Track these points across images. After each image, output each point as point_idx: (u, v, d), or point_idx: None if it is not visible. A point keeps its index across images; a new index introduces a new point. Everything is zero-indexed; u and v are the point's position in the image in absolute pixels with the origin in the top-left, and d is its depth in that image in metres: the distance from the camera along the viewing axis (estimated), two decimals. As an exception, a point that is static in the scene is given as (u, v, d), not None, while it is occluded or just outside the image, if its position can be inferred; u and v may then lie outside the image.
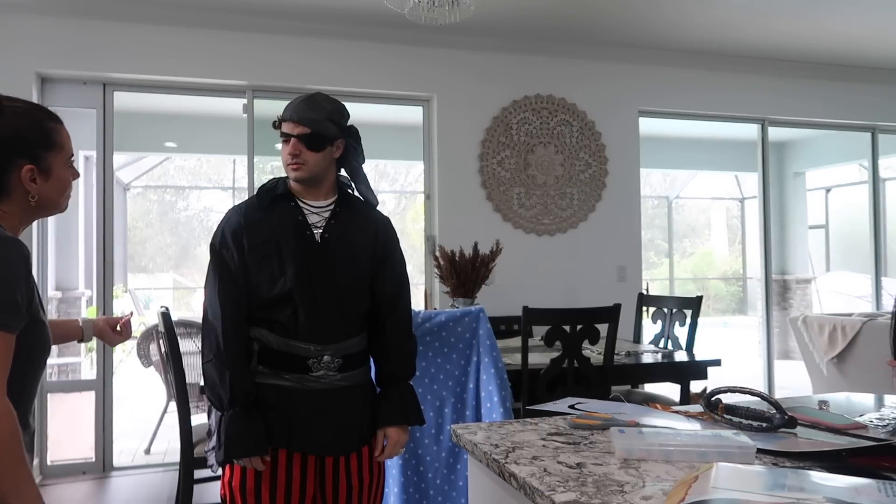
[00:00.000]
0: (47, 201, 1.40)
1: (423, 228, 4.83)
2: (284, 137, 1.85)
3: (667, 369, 3.35)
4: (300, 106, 1.84)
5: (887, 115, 5.69)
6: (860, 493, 0.88)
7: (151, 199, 12.08)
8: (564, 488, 1.05)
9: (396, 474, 2.49)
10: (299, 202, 1.87)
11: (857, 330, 4.43)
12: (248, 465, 1.72)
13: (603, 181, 4.94)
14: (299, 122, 1.82)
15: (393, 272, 1.93)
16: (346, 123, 1.91)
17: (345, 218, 1.88)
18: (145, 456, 4.63)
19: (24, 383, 1.32)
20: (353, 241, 1.86)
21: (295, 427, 1.76)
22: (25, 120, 1.37)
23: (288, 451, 1.77)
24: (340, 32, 4.40)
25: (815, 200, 9.44)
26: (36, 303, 1.32)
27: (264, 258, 1.79)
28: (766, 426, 1.34)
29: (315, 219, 1.85)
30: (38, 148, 1.37)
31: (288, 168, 1.84)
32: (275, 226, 1.82)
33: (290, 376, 1.77)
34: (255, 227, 1.81)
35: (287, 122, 1.84)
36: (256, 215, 1.84)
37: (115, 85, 4.20)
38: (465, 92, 4.69)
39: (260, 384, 1.77)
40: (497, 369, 2.52)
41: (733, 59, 5.17)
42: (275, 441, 1.75)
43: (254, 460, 1.71)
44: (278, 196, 1.86)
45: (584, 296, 4.72)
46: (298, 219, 1.84)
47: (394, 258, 1.95)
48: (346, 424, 1.81)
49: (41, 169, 1.37)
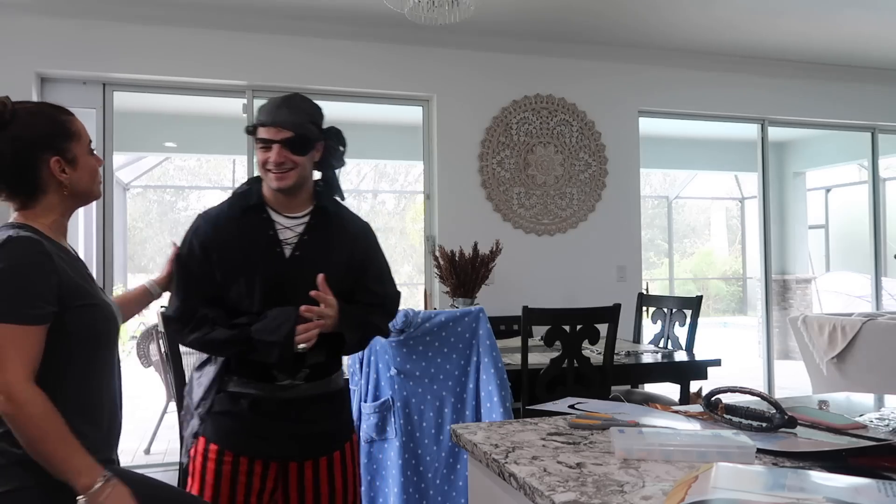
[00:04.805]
0: (81, 189, 1.47)
1: (422, 228, 4.83)
2: (264, 144, 1.72)
3: (667, 369, 3.35)
4: (279, 109, 1.71)
5: (887, 115, 5.69)
6: (860, 493, 0.87)
7: (151, 199, 12.09)
8: (564, 488, 1.05)
9: (396, 474, 2.50)
10: (272, 214, 1.77)
11: (857, 330, 4.43)
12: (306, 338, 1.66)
13: (603, 181, 4.94)
14: (282, 126, 1.69)
15: (375, 281, 1.85)
16: (323, 124, 1.81)
17: (319, 231, 1.79)
18: (145, 456, 4.63)
19: (85, 370, 1.40)
20: (327, 256, 1.77)
21: (259, 435, 1.72)
22: (41, 117, 1.44)
23: (250, 458, 1.72)
24: (340, 32, 4.40)
25: (815, 200, 9.44)
26: (84, 288, 1.39)
27: (232, 275, 1.72)
28: (766, 426, 1.34)
29: (287, 234, 1.76)
30: (60, 140, 1.43)
31: (270, 178, 1.72)
32: (244, 241, 1.73)
33: (256, 385, 1.72)
34: (224, 241, 1.73)
35: (266, 128, 1.71)
36: (226, 227, 1.75)
37: (115, 85, 4.19)
38: (465, 92, 4.69)
39: (227, 392, 1.73)
40: (497, 369, 2.52)
41: (733, 59, 5.17)
42: (239, 448, 1.72)
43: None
44: (250, 206, 1.76)
45: (584, 296, 4.72)
46: (269, 233, 1.75)
47: (372, 269, 1.86)
48: (311, 433, 1.76)
49: (67, 159, 1.44)
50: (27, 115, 1.42)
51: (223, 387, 1.75)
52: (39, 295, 1.30)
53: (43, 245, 1.34)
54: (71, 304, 1.36)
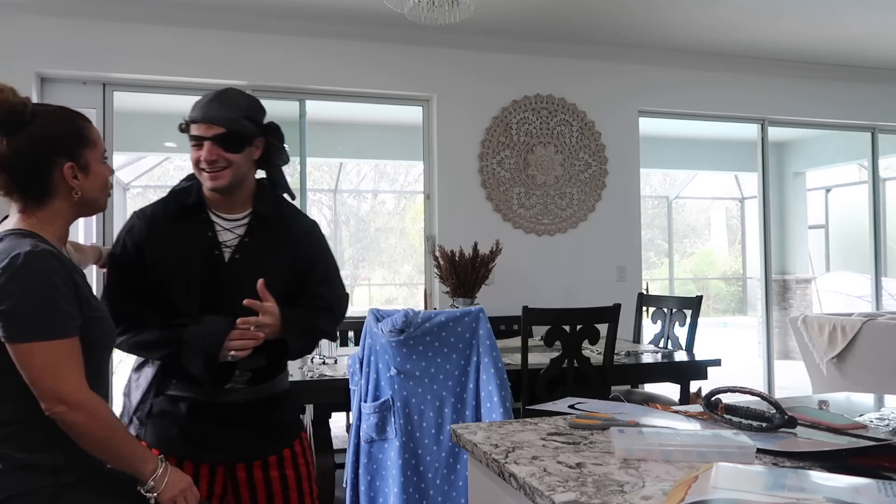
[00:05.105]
0: (90, 197, 1.47)
1: (422, 228, 4.83)
2: (195, 142, 1.64)
3: (667, 369, 3.35)
4: (211, 104, 1.63)
5: (887, 115, 5.69)
6: (860, 493, 0.87)
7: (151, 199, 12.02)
8: (564, 488, 1.05)
9: (396, 474, 2.49)
10: (212, 215, 1.69)
11: (857, 330, 4.43)
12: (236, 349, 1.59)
13: (603, 181, 4.94)
14: (213, 122, 1.61)
15: (320, 283, 1.78)
16: (263, 120, 1.72)
17: (261, 233, 1.71)
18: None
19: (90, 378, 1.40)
20: (268, 259, 1.69)
21: (201, 439, 1.68)
22: (59, 120, 1.44)
23: (195, 463, 1.69)
24: (340, 32, 4.40)
25: (815, 200, 9.44)
26: (90, 302, 1.41)
27: (168, 278, 1.65)
28: (766, 426, 1.34)
29: (227, 236, 1.69)
30: (75, 145, 1.44)
31: (204, 177, 1.64)
32: (182, 243, 1.65)
33: (197, 388, 1.66)
34: (160, 242, 1.66)
35: (197, 124, 1.63)
36: (162, 227, 1.67)
37: (114, 85, 4.20)
38: (465, 92, 4.69)
39: (166, 396, 1.69)
40: (497, 369, 2.52)
41: (733, 59, 5.17)
42: (180, 452, 1.67)
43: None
44: (188, 206, 1.69)
45: (584, 296, 4.72)
46: (208, 235, 1.67)
47: (317, 270, 1.78)
48: (256, 433, 1.72)
49: (80, 166, 1.44)
50: (46, 117, 1.42)
51: (162, 389, 1.69)
52: (71, 307, 1.34)
53: (62, 259, 1.37)
54: (84, 316, 1.38)
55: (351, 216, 11.67)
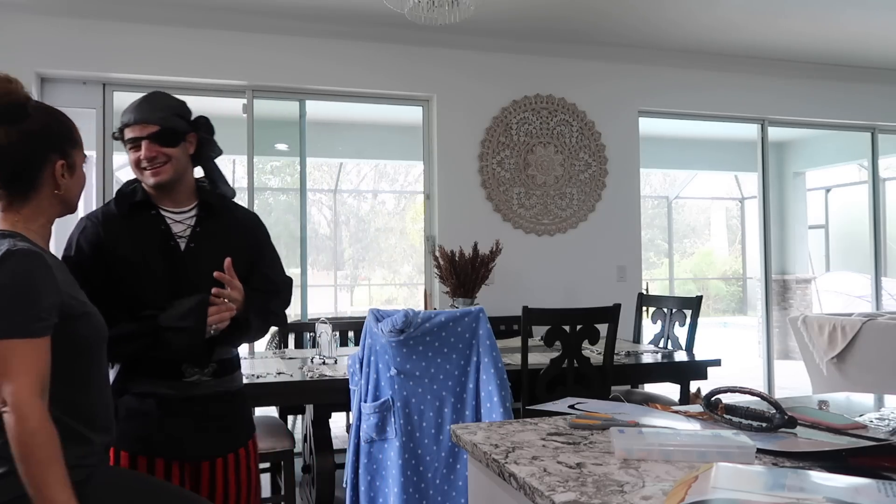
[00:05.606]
0: (70, 197, 1.49)
1: (422, 228, 4.83)
2: (132, 144, 1.71)
3: (667, 369, 3.35)
4: (141, 106, 1.72)
5: (887, 115, 5.69)
6: (860, 493, 0.87)
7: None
8: (564, 488, 1.05)
9: (396, 474, 2.49)
10: (161, 210, 1.76)
11: (857, 330, 4.43)
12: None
13: (603, 181, 4.94)
14: (147, 122, 1.69)
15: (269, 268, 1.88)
16: (191, 117, 1.81)
17: (210, 222, 1.80)
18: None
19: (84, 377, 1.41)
20: (221, 247, 1.76)
21: (171, 434, 1.70)
22: (53, 117, 1.45)
23: (166, 460, 1.71)
24: (340, 32, 4.40)
25: (815, 200, 9.44)
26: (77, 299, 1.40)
27: (128, 273, 1.69)
28: (766, 426, 1.34)
29: (179, 227, 1.76)
30: (67, 145, 1.45)
31: (145, 175, 1.71)
32: (137, 239, 1.71)
33: (164, 383, 1.71)
34: (115, 239, 1.71)
35: (131, 127, 1.71)
36: (115, 226, 1.72)
37: (114, 85, 4.20)
38: (465, 92, 4.69)
39: (133, 394, 1.71)
40: (497, 369, 2.52)
41: (733, 59, 5.17)
42: (151, 450, 1.69)
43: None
44: (137, 204, 1.74)
45: (584, 296, 4.72)
46: (161, 228, 1.74)
47: (266, 256, 1.90)
48: (217, 429, 1.77)
49: (69, 165, 1.46)
50: (43, 114, 1.43)
51: (127, 389, 1.72)
52: (44, 308, 1.31)
53: (44, 258, 1.34)
54: (69, 314, 1.36)
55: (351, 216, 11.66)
